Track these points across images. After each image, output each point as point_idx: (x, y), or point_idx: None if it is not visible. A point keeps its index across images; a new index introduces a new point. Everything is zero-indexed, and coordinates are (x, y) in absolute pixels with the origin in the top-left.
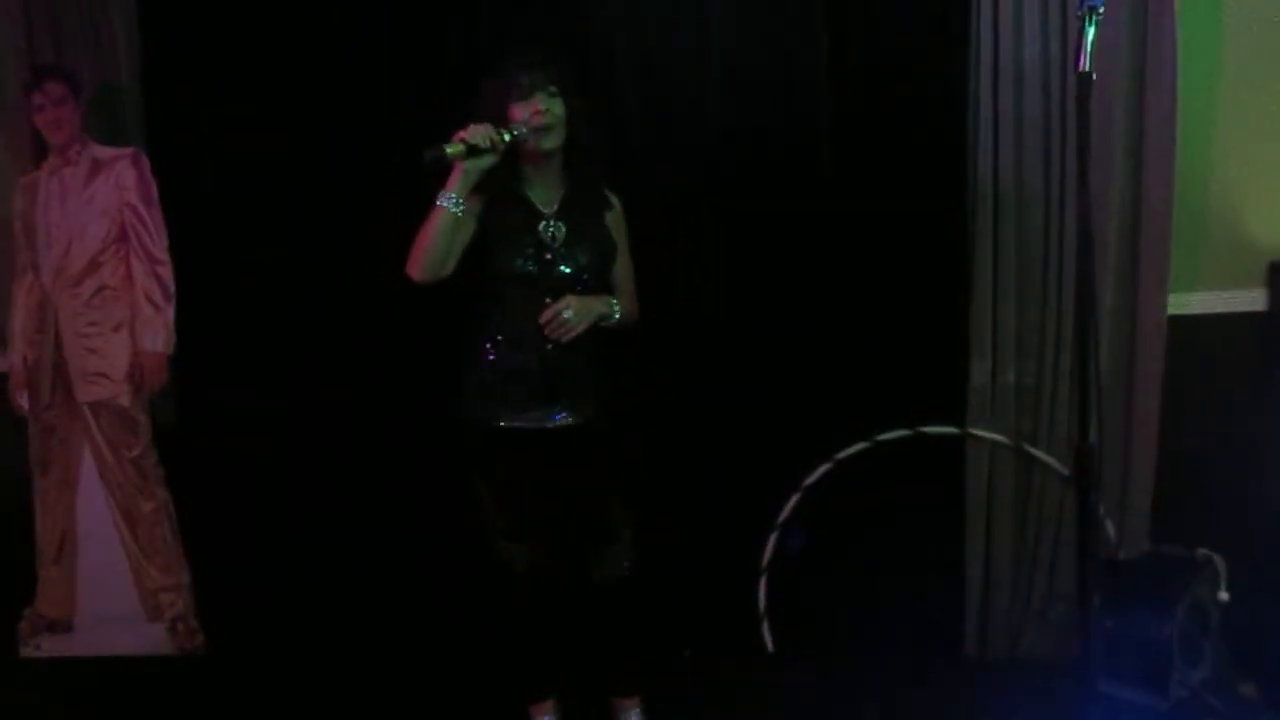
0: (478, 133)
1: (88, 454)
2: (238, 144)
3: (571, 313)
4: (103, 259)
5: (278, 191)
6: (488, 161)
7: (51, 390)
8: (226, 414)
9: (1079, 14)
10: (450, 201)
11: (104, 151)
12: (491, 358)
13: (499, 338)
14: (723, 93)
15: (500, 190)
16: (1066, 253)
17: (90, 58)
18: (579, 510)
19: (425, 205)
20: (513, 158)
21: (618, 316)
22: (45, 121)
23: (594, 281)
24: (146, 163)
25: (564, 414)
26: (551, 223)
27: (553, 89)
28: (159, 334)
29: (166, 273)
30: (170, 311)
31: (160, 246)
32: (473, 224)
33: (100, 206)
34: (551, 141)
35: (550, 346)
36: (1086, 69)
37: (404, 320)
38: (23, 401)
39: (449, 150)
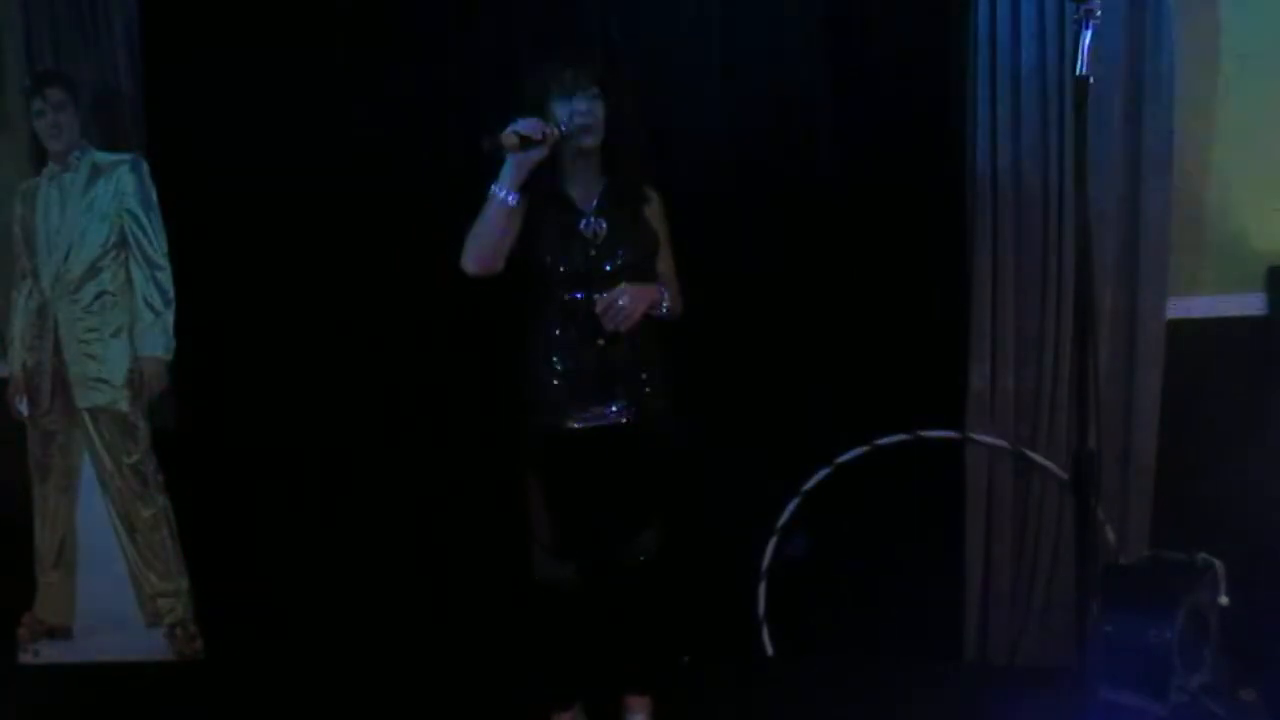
0: (530, 125)
1: (87, 460)
2: (237, 149)
3: (627, 299)
4: (102, 264)
5: (277, 197)
6: (538, 154)
7: (51, 396)
8: (226, 420)
9: (1075, 18)
10: (505, 192)
11: (103, 157)
12: (547, 360)
13: (554, 335)
14: (721, 96)
15: (542, 188)
16: (1065, 257)
17: (90, 63)
18: (624, 505)
19: (427, 207)
20: (553, 155)
21: (665, 310)
22: (45, 127)
23: (638, 276)
24: (146, 168)
25: (620, 408)
26: (593, 220)
27: (595, 90)
28: (158, 339)
29: (166, 278)
30: (170, 317)
31: (160, 252)
32: (519, 221)
33: (100, 212)
34: (592, 140)
35: (603, 342)
36: (1084, 73)
37: (406, 325)
38: (22, 407)
39: (505, 143)
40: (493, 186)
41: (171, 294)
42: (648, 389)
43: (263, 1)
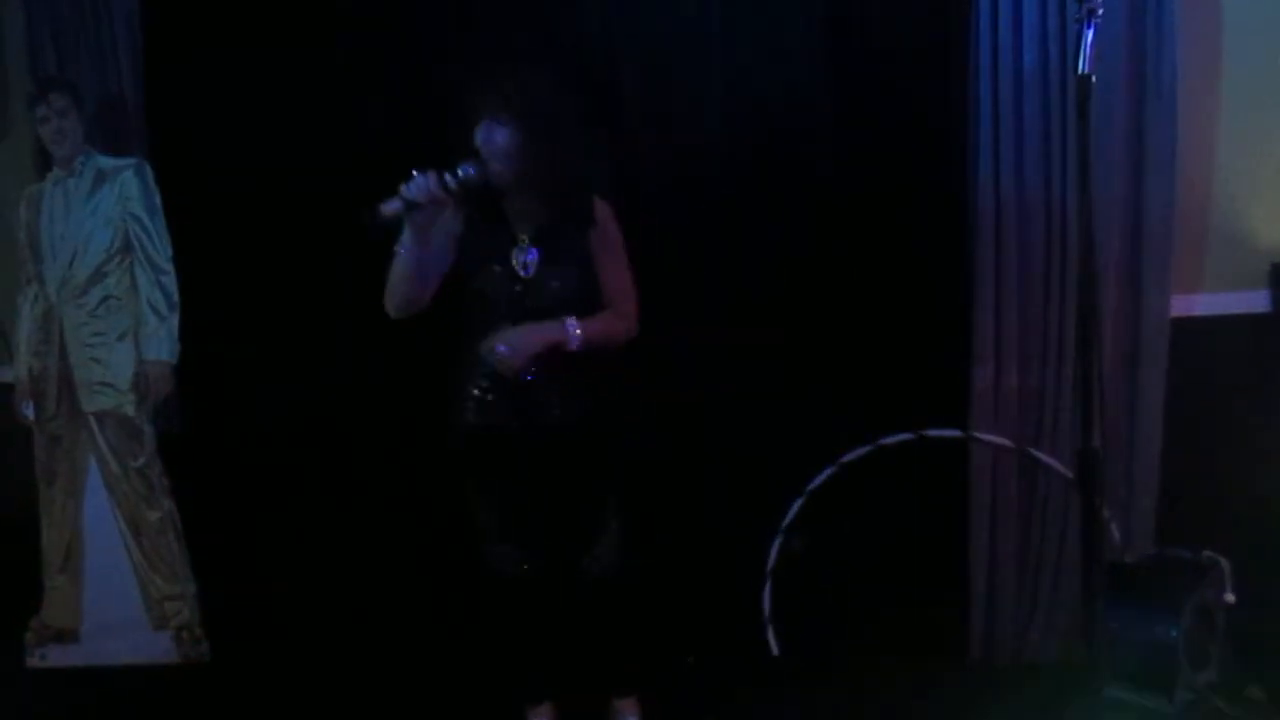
0: (419, 187)
1: (93, 464)
2: (240, 153)
3: (506, 349)
4: (107, 269)
5: (281, 200)
6: (439, 209)
7: (57, 400)
8: (231, 423)
9: (1077, 17)
10: (405, 249)
11: (108, 162)
12: (475, 373)
13: (479, 355)
14: (725, 100)
15: (479, 212)
16: (1069, 255)
17: (93, 69)
18: (570, 507)
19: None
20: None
21: (577, 343)
22: (49, 133)
23: (570, 307)
24: (150, 173)
25: (554, 414)
26: (525, 248)
27: (502, 116)
28: (163, 343)
29: (171, 282)
30: (175, 321)
31: (164, 256)
32: (451, 249)
33: (104, 217)
34: (506, 173)
35: (530, 377)
36: (1086, 72)
37: (408, 330)
38: (28, 412)
39: (386, 212)
40: (397, 242)
41: (176, 298)
42: (579, 399)
43: (264, 5)
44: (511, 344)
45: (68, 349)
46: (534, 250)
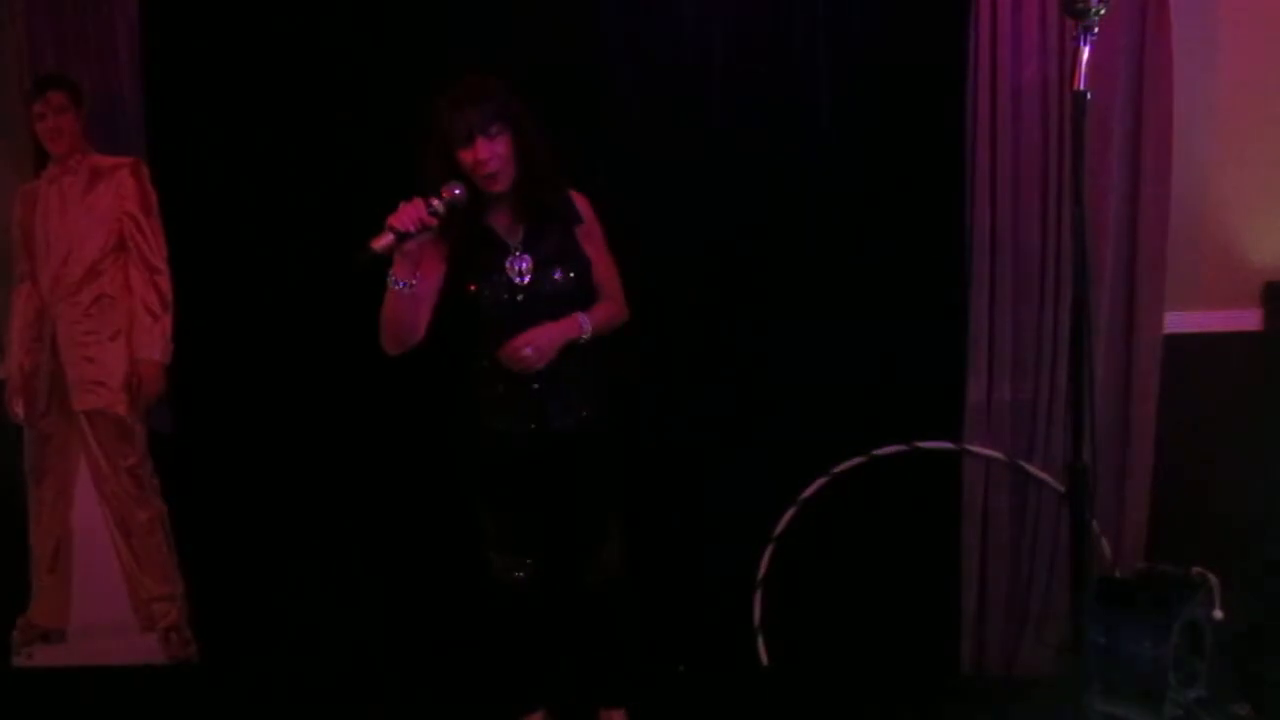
0: (407, 218)
1: (83, 463)
2: (238, 154)
3: (531, 350)
4: (101, 267)
5: (278, 201)
6: (428, 235)
7: (48, 398)
8: (223, 424)
9: (1074, 34)
10: (401, 285)
11: (104, 160)
12: (483, 382)
13: (484, 364)
14: (722, 104)
15: (464, 230)
16: (1063, 270)
17: (91, 67)
18: (572, 513)
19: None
20: (474, 190)
21: (588, 335)
22: (46, 130)
23: (571, 303)
24: (146, 172)
25: (556, 420)
26: (518, 255)
27: (493, 128)
28: (156, 343)
29: (165, 282)
30: (168, 321)
31: (159, 256)
32: (440, 270)
33: (99, 215)
34: (502, 184)
35: (535, 384)
36: (1082, 88)
37: None
38: (18, 409)
39: (377, 249)
40: (389, 277)
41: (170, 298)
42: (584, 401)
43: (263, 6)
44: (535, 345)
45: (60, 347)
46: (526, 256)
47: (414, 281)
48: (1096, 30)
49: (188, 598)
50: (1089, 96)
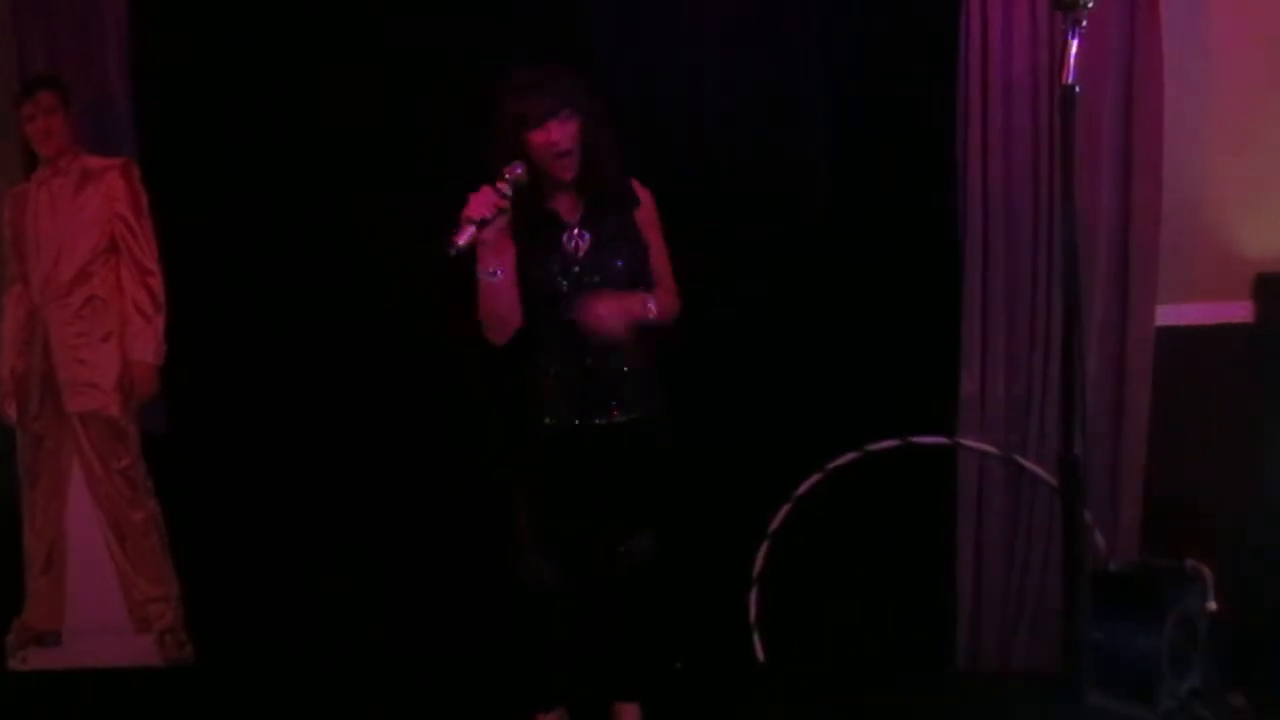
0: (482, 205)
1: (76, 465)
2: (228, 154)
3: (604, 307)
4: (92, 269)
5: (269, 201)
6: (503, 218)
7: (40, 400)
8: (216, 425)
9: (1063, 27)
10: (492, 274)
11: (94, 162)
12: (542, 367)
13: (546, 347)
14: (718, 108)
15: (527, 206)
16: (1056, 264)
17: (81, 68)
18: (615, 501)
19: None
20: (535, 173)
21: (653, 316)
22: (36, 132)
23: (628, 285)
24: (137, 173)
25: (613, 413)
26: (576, 234)
27: (565, 111)
28: (149, 344)
29: (156, 283)
30: (160, 322)
31: (150, 257)
32: (515, 252)
33: (90, 217)
34: (571, 169)
35: (589, 360)
36: (1071, 81)
37: (397, 330)
38: (10, 412)
39: (463, 244)
40: (479, 269)
41: (162, 299)
42: (639, 394)
43: (254, 6)
44: (609, 306)
45: (52, 348)
46: (586, 234)
47: (501, 269)
48: (1085, 23)
49: (182, 599)
50: (1078, 90)
